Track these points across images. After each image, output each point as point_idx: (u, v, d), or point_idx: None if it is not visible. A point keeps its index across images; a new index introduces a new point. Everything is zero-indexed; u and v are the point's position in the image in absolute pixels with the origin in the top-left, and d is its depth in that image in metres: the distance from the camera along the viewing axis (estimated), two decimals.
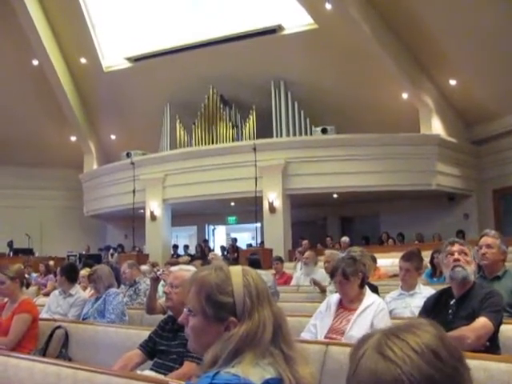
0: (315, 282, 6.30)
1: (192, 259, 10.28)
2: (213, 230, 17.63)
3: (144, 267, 7.64)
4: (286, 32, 14.72)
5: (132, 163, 14.78)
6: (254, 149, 12.80)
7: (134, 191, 14.20)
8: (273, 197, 13.80)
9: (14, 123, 17.09)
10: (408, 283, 4.16)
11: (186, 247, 17.17)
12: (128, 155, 16.22)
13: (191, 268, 3.41)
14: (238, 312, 1.35)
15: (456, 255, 3.07)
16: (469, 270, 3.02)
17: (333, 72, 14.33)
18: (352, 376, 0.87)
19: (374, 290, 3.93)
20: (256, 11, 14.91)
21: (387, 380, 0.80)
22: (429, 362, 0.81)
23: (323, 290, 6.02)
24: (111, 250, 16.34)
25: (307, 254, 7.37)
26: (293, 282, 7.73)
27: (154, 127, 16.95)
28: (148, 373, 2.88)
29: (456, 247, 3.11)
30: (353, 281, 3.42)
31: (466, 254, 3.08)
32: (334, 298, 3.57)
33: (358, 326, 3.27)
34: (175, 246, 16.68)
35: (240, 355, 1.28)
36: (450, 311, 3.00)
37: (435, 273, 6.18)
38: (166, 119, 16.99)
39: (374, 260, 7.04)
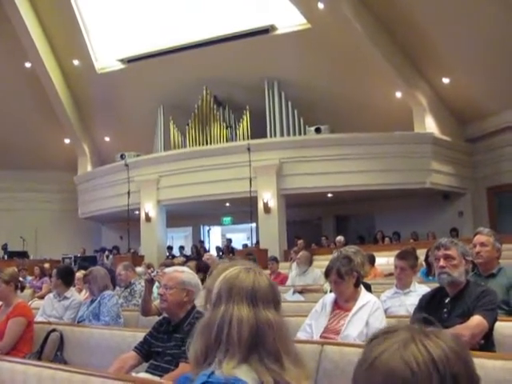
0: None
1: (187, 260, 10.27)
2: (208, 231, 17.63)
3: (139, 269, 7.62)
4: (278, 32, 14.70)
5: (126, 165, 14.78)
6: (248, 149, 12.82)
7: (128, 193, 14.22)
8: (267, 197, 13.79)
9: (7, 126, 17.01)
10: (403, 282, 4.17)
11: (182, 248, 17.14)
12: (122, 157, 16.20)
13: (185, 269, 3.40)
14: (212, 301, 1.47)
15: (441, 261, 3.04)
16: (455, 273, 2.99)
17: (326, 71, 14.34)
18: (367, 369, 0.88)
19: (367, 288, 3.93)
20: (248, 11, 14.89)
21: (400, 382, 0.84)
22: (444, 381, 0.84)
23: (317, 290, 6.01)
24: (106, 252, 16.31)
25: (300, 254, 7.35)
26: (288, 282, 7.74)
27: (147, 128, 16.92)
28: (144, 375, 2.88)
29: (441, 252, 3.08)
30: (348, 280, 3.42)
31: (452, 257, 3.04)
32: (329, 297, 3.57)
33: (354, 326, 3.28)
34: (170, 248, 16.65)
35: (221, 352, 1.35)
36: (444, 309, 2.99)
37: (430, 271, 6.16)
38: (159, 120, 16.94)
39: (373, 260, 7.03)
